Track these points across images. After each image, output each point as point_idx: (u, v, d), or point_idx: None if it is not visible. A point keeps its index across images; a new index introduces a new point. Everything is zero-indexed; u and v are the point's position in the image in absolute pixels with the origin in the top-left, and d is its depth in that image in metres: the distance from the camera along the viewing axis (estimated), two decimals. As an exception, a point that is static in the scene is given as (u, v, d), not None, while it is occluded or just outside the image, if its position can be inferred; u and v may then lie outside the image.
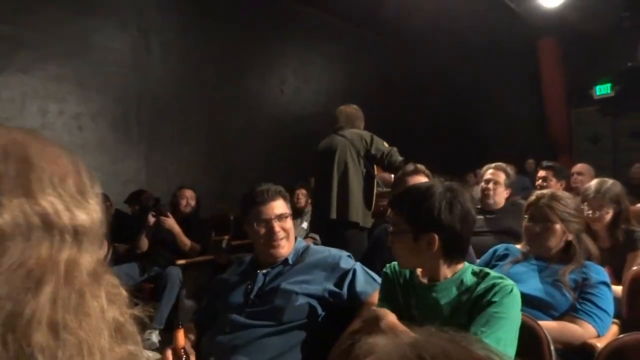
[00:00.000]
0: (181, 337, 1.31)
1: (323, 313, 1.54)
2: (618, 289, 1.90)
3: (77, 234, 0.42)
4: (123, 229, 3.70)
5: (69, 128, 4.65)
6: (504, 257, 1.91)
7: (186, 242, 3.44)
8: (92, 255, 0.44)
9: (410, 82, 7.91)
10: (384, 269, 1.43)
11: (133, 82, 5.17)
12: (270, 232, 1.57)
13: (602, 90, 7.66)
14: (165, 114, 5.40)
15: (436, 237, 1.24)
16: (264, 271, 1.62)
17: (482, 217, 2.84)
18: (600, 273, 1.73)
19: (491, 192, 2.79)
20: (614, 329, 1.72)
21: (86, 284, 0.42)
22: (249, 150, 6.17)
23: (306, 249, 1.68)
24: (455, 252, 1.29)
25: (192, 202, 3.66)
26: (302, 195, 4.13)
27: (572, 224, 1.74)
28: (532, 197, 1.84)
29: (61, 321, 0.39)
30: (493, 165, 2.88)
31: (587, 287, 1.66)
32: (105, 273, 0.46)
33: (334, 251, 1.66)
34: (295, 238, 1.70)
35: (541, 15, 6.87)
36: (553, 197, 1.79)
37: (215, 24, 5.89)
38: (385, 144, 3.01)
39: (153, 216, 3.39)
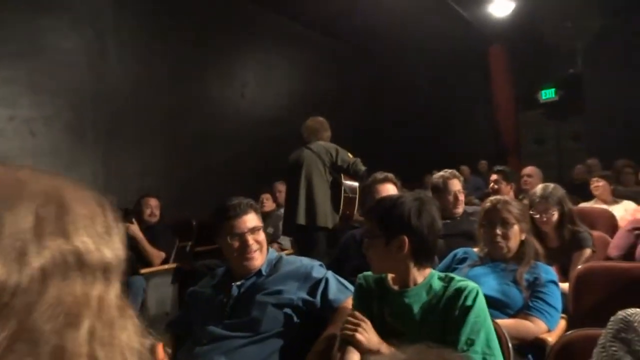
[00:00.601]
0: (160, 352, 1.33)
1: (298, 321, 1.60)
2: (565, 286, 2.08)
3: (106, 270, 0.47)
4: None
5: (21, 133, 4.45)
6: (463, 260, 2.04)
7: (150, 250, 3.39)
8: (116, 290, 0.49)
9: (370, 88, 8.09)
10: (358, 279, 1.50)
11: (88, 85, 5.01)
12: (244, 246, 1.62)
13: (547, 94, 8.15)
14: (122, 117, 5.26)
15: (406, 239, 1.34)
16: (238, 283, 1.65)
17: (443, 221, 2.98)
18: (549, 272, 1.89)
19: (459, 202, 2.90)
20: (562, 324, 1.88)
21: (115, 317, 0.47)
22: (209, 155, 6.11)
23: (279, 259, 1.73)
24: (423, 256, 1.38)
25: (157, 212, 3.61)
26: (266, 200, 4.16)
27: (517, 229, 1.90)
28: (488, 204, 1.98)
29: (98, 354, 0.43)
30: (449, 174, 2.95)
31: (538, 286, 1.81)
32: (127, 305, 0.50)
33: (306, 261, 1.73)
34: (268, 249, 1.75)
35: (492, 23, 7.23)
36: (506, 201, 1.95)
37: (174, 25, 5.80)
38: (350, 155, 3.28)
39: None
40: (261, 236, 1.66)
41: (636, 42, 6.88)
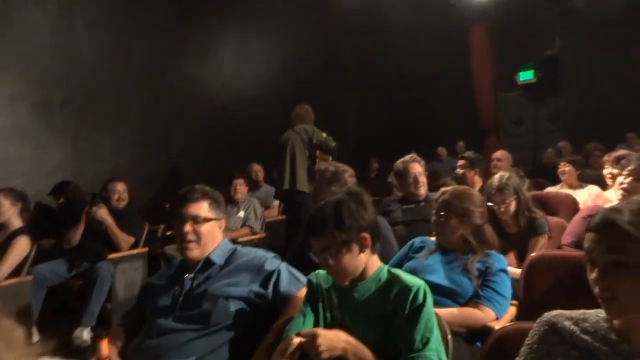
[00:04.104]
0: (105, 347, 1.34)
1: (250, 313, 1.60)
2: (519, 272, 2.12)
3: None
4: (47, 223, 3.55)
5: (-17, 114, 4.32)
6: (420, 249, 2.07)
7: (119, 234, 3.37)
8: None
9: (349, 65, 8.00)
10: (308, 277, 1.51)
11: (56, 63, 4.86)
12: (180, 233, 1.62)
13: (525, 76, 8.18)
14: (93, 97, 5.13)
15: (366, 236, 1.35)
16: (192, 275, 1.65)
17: (407, 206, 3.03)
18: (501, 261, 1.93)
19: (420, 185, 2.97)
20: (511, 311, 1.94)
21: None
22: (185, 135, 6.03)
23: (233, 251, 1.73)
24: (375, 243, 1.39)
25: (125, 196, 3.57)
26: (239, 186, 4.13)
27: (467, 219, 1.93)
28: (438, 193, 2.01)
29: None
30: (409, 158, 3.01)
31: (489, 275, 1.86)
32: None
33: (260, 253, 1.73)
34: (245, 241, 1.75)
35: (473, 3, 7.17)
36: (453, 194, 1.98)
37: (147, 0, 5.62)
38: (324, 134, 4.16)
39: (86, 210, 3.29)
40: (204, 228, 1.64)
41: (612, 26, 6.90)
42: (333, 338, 1.25)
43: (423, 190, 2.96)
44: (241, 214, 4.08)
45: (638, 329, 0.92)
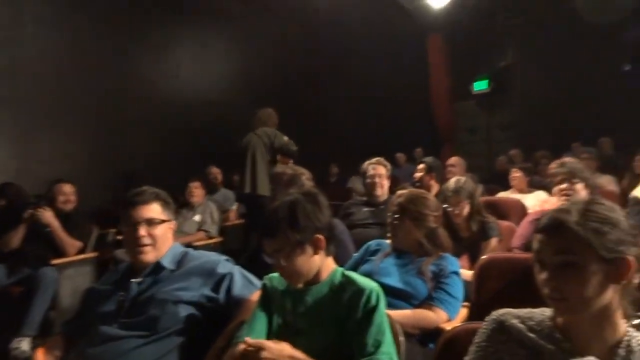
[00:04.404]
0: (40, 358, 1.25)
1: (200, 318, 1.55)
2: (471, 274, 2.17)
3: None
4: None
5: None
6: (375, 252, 2.08)
7: (65, 239, 3.20)
8: None
9: (308, 70, 8.01)
10: (263, 280, 1.48)
11: (2, 59, 4.59)
12: (134, 237, 1.55)
13: (480, 86, 8.48)
14: (40, 96, 4.88)
15: (320, 237, 1.33)
16: (139, 279, 1.59)
17: (368, 209, 3.07)
18: (454, 264, 1.97)
19: (377, 186, 3.04)
20: (463, 313, 1.98)
21: None
22: (140, 137, 5.83)
23: (184, 255, 1.67)
24: (330, 246, 1.38)
25: (72, 198, 3.40)
26: (195, 189, 4.04)
27: (422, 223, 1.96)
28: (395, 196, 2.04)
29: None
30: (374, 160, 3.11)
31: (442, 277, 1.89)
32: None
33: (213, 256, 1.68)
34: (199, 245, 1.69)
35: (431, 13, 7.36)
36: (409, 197, 2.01)
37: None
38: (285, 138, 4.11)
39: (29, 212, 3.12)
40: (159, 230, 1.59)
41: (563, 40, 7.29)
42: (278, 353, 1.23)
43: (379, 192, 3.01)
44: (197, 217, 3.98)
45: (580, 327, 0.95)
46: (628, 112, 6.58)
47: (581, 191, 2.39)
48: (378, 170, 3.07)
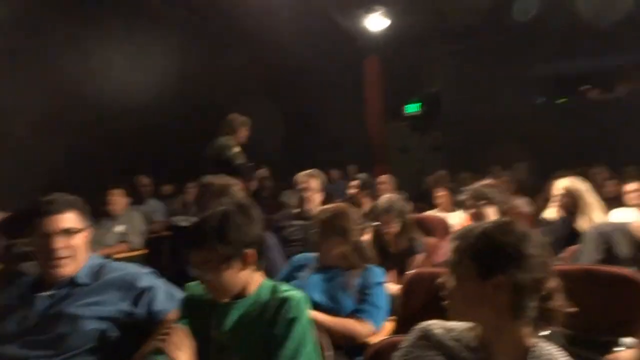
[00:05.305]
0: None
1: (116, 335, 1.46)
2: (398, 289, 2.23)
3: None
4: None
5: None
6: (302, 267, 2.07)
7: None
8: None
9: (244, 83, 7.94)
10: (185, 293, 1.42)
11: None
12: (49, 249, 1.43)
13: (412, 108, 8.91)
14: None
15: (252, 252, 1.29)
16: (48, 293, 1.46)
17: (298, 223, 3.05)
18: (378, 275, 2.00)
19: (307, 199, 3.02)
20: (389, 326, 2.02)
21: None
22: (62, 143, 5.40)
23: (102, 266, 1.56)
24: (260, 261, 1.35)
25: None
26: (116, 197, 3.79)
27: (347, 237, 1.97)
28: (318, 212, 2.05)
29: None
30: (306, 172, 3.10)
31: (366, 288, 1.93)
32: None
33: (133, 268, 1.59)
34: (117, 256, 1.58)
35: (368, 35, 7.63)
36: (332, 212, 2.02)
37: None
38: (235, 149, 3.84)
39: None
40: (76, 240, 1.49)
41: (486, 69, 7.87)
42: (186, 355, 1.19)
43: (308, 206, 2.98)
44: (119, 228, 3.75)
45: (493, 338, 1.04)
46: (541, 140, 7.20)
47: (491, 215, 2.56)
48: (309, 183, 3.05)
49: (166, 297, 1.54)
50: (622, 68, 8.06)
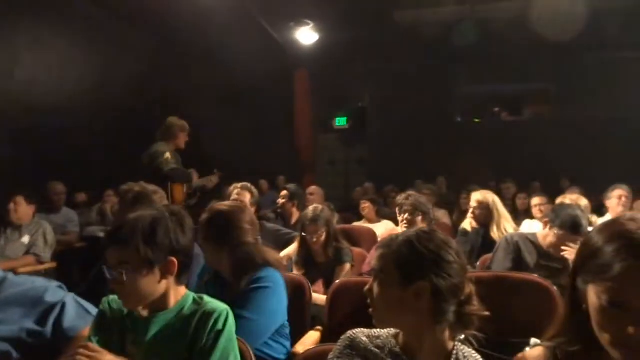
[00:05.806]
0: None
1: (17, 357, 1.31)
2: (324, 299, 2.24)
3: None
4: None
5: None
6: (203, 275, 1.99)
7: None
8: None
9: (169, 88, 7.66)
10: (102, 304, 1.32)
11: None
12: None
13: (340, 122, 9.14)
14: None
15: (175, 261, 1.23)
16: None
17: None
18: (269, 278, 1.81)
19: None
20: (315, 336, 2.02)
21: None
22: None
23: (2, 281, 1.40)
24: (184, 274, 1.29)
25: None
26: (18, 206, 3.42)
27: (229, 241, 1.78)
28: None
29: None
30: (240, 185, 3.06)
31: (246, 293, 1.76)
32: None
33: (40, 282, 1.45)
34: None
35: (298, 48, 7.71)
36: (210, 216, 1.85)
37: None
38: (167, 155, 3.67)
39: None
40: None
41: (410, 87, 8.28)
42: None
43: None
44: (25, 239, 3.42)
45: (416, 344, 1.08)
46: (458, 156, 7.69)
47: (419, 223, 2.71)
48: (241, 196, 3.01)
49: (77, 312, 1.42)
50: (528, 93, 8.93)
